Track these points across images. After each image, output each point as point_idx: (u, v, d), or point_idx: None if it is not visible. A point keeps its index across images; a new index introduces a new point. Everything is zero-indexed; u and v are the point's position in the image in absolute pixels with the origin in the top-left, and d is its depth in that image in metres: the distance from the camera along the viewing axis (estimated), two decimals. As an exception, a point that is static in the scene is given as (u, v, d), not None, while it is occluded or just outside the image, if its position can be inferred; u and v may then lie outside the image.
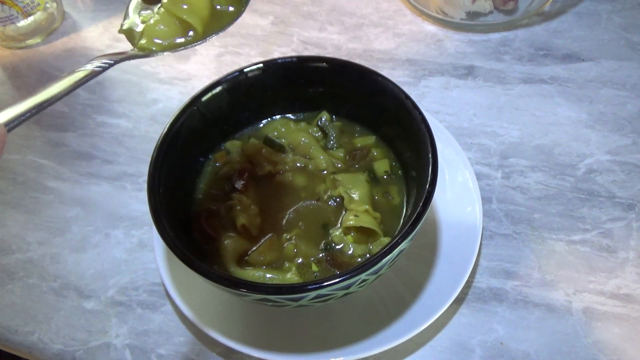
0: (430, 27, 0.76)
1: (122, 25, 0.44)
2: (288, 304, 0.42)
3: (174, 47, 0.43)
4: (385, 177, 0.53)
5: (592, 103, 0.65)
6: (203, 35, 0.44)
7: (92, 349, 0.52)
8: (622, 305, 0.50)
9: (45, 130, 0.70)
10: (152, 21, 0.43)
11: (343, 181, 0.51)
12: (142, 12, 0.45)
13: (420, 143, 0.46)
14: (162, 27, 0.43)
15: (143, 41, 0.43)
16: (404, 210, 0.50)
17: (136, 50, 0.42)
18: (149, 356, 0.51)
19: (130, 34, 0.44)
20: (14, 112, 0.32)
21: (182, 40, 0.43)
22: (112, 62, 0.38)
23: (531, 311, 0.51)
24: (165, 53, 0.43)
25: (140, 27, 0.44)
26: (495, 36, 0.74)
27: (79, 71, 0.37)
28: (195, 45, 0.43)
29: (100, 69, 0.37)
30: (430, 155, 0.44)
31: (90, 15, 0.85)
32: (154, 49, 0.43)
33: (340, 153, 0.54)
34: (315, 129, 0.56)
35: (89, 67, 0.37)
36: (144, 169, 0.63)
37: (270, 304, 0.42)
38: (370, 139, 0.55)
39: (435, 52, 0.73)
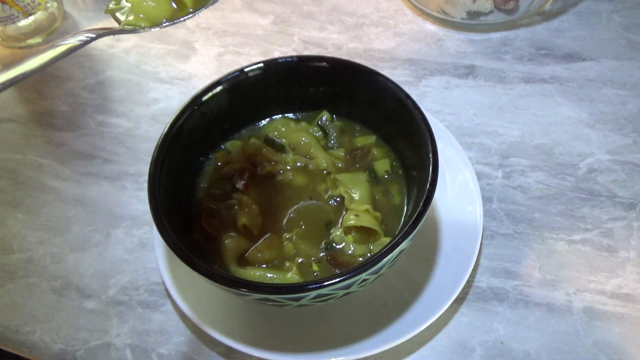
0: (430, 27, 0.76)
1: (108, 5, 0.44)
2: (289, 303, 0.42)
3: (161, 22, 0.42)
4: (385, 176, 0.53)
5: (592, 102, 0.65)
6: (193, 10, 0.43)
7: (93, 349, 0.52)
8: (622, 304, 0.50)
9: (46, 130, 0.71)
10: None
11: (343, 181, 0.51)
12: None
13: (420, 142, 0.46)
14: (150, 2, 0.42)
15: (131, 17, 0.42)
16: (405, 209, 0.50)
17: (123, 26, 0.42)
18: (150, 355, 0.51)
19: (116, 13, 0.43)
20: None
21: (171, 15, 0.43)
22: (95, 35, 0.37)
23: (532, 311, 0.51)
24: (153, 29, 0.42)
25: (127, 5, 0.43)
26: (496, 36, 0.74)
27: (60, 45, 0.36)
28: (184, 20, 0.43)
29: (82, 42, 0.37)
30: (430, 155, 0.44)
31: (90, 14, 0.85)
32: (142, 25, 0.42)
33: (341, 153, 0.54)
34: (315, 128, 0.56)
35: (71, 40, 0.36)
36: (145, 168, 0.63)
37: (271, 303, 0.42)
38: (371, 139, 0.55)
39: (436, 52, 0.73)
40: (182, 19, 0.42)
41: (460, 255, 0.50)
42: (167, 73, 0.75)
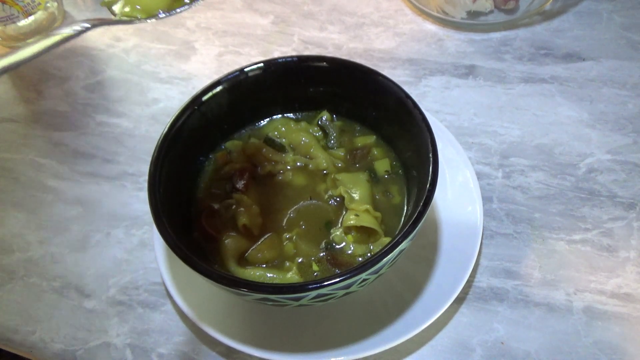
0: (430, 27, 0.76)
1: None
2: (289, 303, 0.42)
3: (157, 13, 0.42)
4: (385, 176, 0.53)
5: (592, 102, 0.65)
6: (190, 0, 0.42)
7: (93, 349, 0.52)
8: (622, 304, 0.50)
9: (46, 130, 0.70)
10: None
11: (343, 181, 0.51)
12: None
13: (420, 142, 0.46)
14: None
15: (127, 8, 0.41)
16: (405, 209, 0.50)
17: (119, 17, 0.41)
18: (150, 355, 0.51)
19: (111, 5, 0.43)
20: None
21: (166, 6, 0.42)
22: (90, 25, 0.37)
23: (532, 311, 0.51)
24: (149, 20, 0.41)
25: None
26: (496, 35, 0.74)
27: (56, 34, 0.35)
28: (180, 12, 0.42)
29: (77, 31, 0.36)
30: (430, 155, 0.44)
31: (90, 14, 0.85)
32: (138, 16, 0.41)
33: (341, 152, 0.54)
34: (315, 128, 0.56)
35: (67, 30, 0.36)
36: (145, 168, 0.63)
37: (271, 303, 0.42)
38: (371, 139, 0.55)
39: (436, 52, 0.73)
40: (178, 10, 0.42)
41: (460, 255, 0.50)
42: (167, 73, 0.75)
